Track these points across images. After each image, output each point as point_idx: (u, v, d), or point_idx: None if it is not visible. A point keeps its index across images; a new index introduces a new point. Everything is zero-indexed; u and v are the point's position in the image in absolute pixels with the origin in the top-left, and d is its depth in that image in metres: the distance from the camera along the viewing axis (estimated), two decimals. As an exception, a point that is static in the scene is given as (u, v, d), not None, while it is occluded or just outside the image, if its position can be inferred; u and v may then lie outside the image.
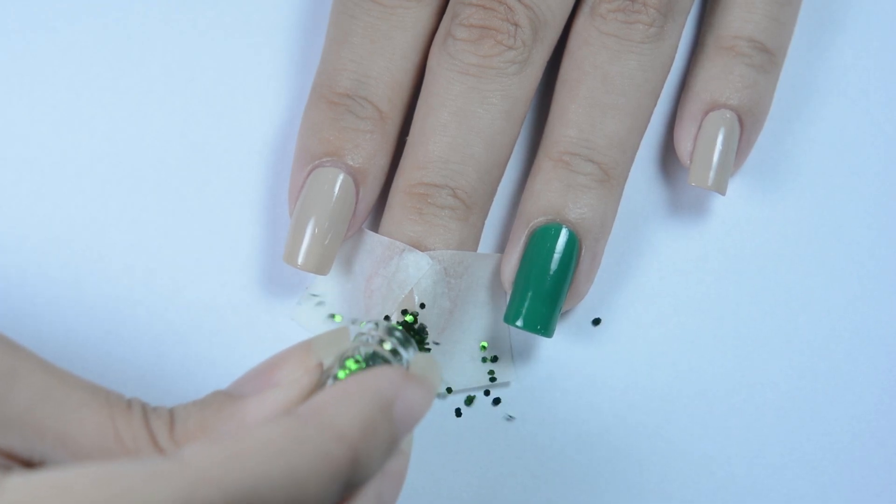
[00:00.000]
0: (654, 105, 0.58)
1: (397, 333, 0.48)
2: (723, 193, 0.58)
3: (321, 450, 0.40)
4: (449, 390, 0.57)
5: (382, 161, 0.57)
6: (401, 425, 0.43)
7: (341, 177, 0.56)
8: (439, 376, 0.46)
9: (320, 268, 0.55)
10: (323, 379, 0.46)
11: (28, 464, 0.43)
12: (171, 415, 0.44)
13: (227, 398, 0.45)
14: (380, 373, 0.43)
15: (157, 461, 0.38)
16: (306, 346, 0.46)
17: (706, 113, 0.58)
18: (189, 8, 0.61)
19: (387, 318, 0.55)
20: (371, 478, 0.43)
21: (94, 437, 0.42)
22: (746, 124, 0.58)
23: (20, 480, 0.38)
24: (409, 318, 0.55)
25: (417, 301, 0.55)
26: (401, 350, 0.48)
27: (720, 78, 0.58)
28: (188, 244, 0.59)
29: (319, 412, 0.41)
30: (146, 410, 0.44)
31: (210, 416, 0.44)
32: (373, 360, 0.47)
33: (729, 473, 0.58)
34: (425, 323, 0.55)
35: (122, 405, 0.43)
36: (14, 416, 0.42)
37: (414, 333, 0.53)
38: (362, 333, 0.48)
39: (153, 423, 0.43)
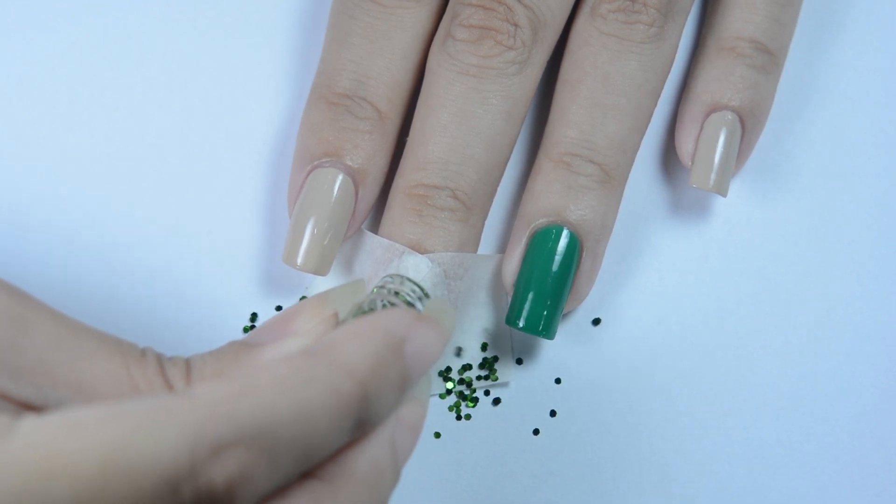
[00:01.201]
0: (655, 105, 0.58)
1: (413, 286, 0.48)
2: (724, 195, 0.58)
3: (331, 385, 0.40)
4: (449, 390, 0.58)
5: (382, 161, 0.57)
6: (412, 365, 0.43)
7: (340, 177, 0.56)
8: (453, 320, 0.46)
9: (319, 268, 0.55)
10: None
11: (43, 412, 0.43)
12: (187, 363, 0.44)
13: (242, 347, 0.45)
14: (390, 313, 0.44)
15: (168, 397, 0.39)
16: (323, 298, 0.47)
17: (707, 114, 0.58)
18: (189, 8, 0.61)
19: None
20: (383, 418, 0.43)
21: (109, 384, 0.42)
22: (748, 125, 0.58)
23: (34, 421, 0.38)
24: (400, 298, 0.55)
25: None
26: (416, 303, 0.48)
27: (721, 79, 0.58)
28: (188, 244, 0.59)
29: (329, 350, 0.41)
30: (161, 359, 0.44)
31: (226, 363, 0.44)
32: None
33: (729, 473, 0.58)
34: None
35: (135, 353, 0.43)
36: (27, 364, 0.42)
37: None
38: (380, 287, 0.48)
39: (169, 370, 0.43)
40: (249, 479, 0.39)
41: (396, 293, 0.48)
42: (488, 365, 0.58)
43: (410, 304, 0.48)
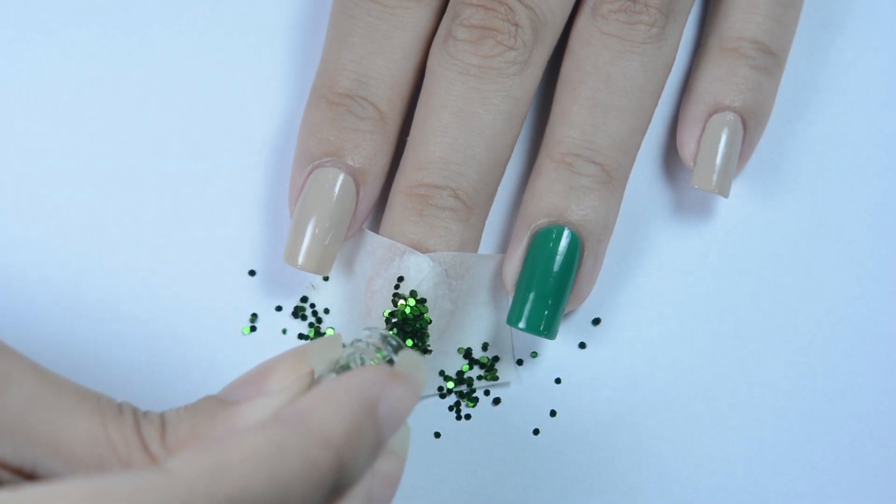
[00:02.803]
0: (656, 105, 0.58)
1: (392, 341, 0.48)
2: (726, 196, 0.58)
3: (306, 457, 0.40)
4: (450, 390, 0.57)
5: (383, 161, 0.57)
6: (385, 425, 0.43)
7: (341, 177, 0.56)
8: (424, 373, 0.46)
9: (320, 268, 0.55)
10: (314, 385, 0.46)
11: (19, 472, 0.42)
12: (163, 420, 0.44)
13: (218, 404, 0.45)
14: (363, 374, 0.43)
15: (145, 474, 0.39)
16: (299, 353, 0.46)
17: (709, 115, 0.58)
18: (189, 8, 0.61)
19: (388, 326, 0.55)
20: (357, 480, 0.42)
21: (87, 444, 0.42)
22: (749, 126, 0.58)
23: (7, 496, 0.38)
24: (406, 308, 0.55)
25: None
26: (392, 357, 0.48)
27: (723, 80, 0.58)
28: (188, 244, 0.59)
29: (304, 417, 0.41)
30: (137, 416, 0.43)
31: (201, 422, 0.44)
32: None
33: (729, 473, 0.58)
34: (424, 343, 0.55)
35: (113, 410, 0.43)
36: (6, 422, 0.41)
37: (411, 325, 0.53)
38: (358, 340, 0.48)
39: (144, 429, 0.43)
40: None
41: (377, 350, 0.48)
42: (489, 365, 0.58)
43: (388, 361, 0.48)
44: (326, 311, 0.58)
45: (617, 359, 0.59)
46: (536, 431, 0.58)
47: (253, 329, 0.58)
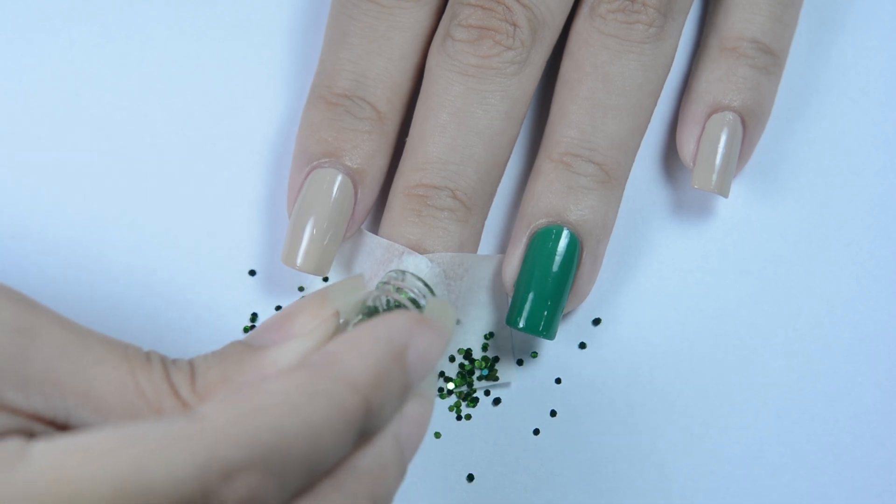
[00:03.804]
0: (655, 105, 0.58)
1: (416, 280, 0.48)
2: (725, 196, 0.58)
3: (335, 401, 0.41)
4: (450, 390, 0.57)
5: (381, 162, 0.57)
6: (414, 371, 0.43)
7: (340, 177, 0.56)
8: (453, 320, 0.46)
9: (319, 269, 0.55)
10: (341, 328, 0.46)
11: (52, 423, 0.43)
12: (192, 367, 0.44)
13: (245, 349, 0.45)
14: (391, 319, 0.44)
15: (178, 422, 0.39)
16: (322, 295, 0.47)
17: (709, 115, 0.58)
18: (189, 8, 0.61)
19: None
20: (386, 424, 0.43)
21: (117, 392, 0.42)
22: (749, 126, 0.58)
23: (46, 446, 0.38)
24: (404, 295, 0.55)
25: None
26: (419, 299, 0.48)
27: (723, 80, 0.58)
28: (188, 244, 0.59)
29: (332, 363, 0.42)
30: (165, 363, 0.44)
31: (230, 367, 0.44)
32: (391, 309, 0.47)
33: (729, 473, 0.58)
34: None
35: (140, 358, 0.43)
36: (36, 374, 0.42)
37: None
38: (385, 283, 0.48)
39: (174, 375, 0.43)
40: (260, 500, 0.39)
41: (399, 289, 0.48)
42: (489, 365, 0.58)
43: (413, 301, 0.48)
44: None
45: (617, 359, 0.59)
46: (536, 431, 0.58)
47: (253, 329, 0.58)
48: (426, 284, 0.49)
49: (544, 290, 0.55)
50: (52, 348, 0.42)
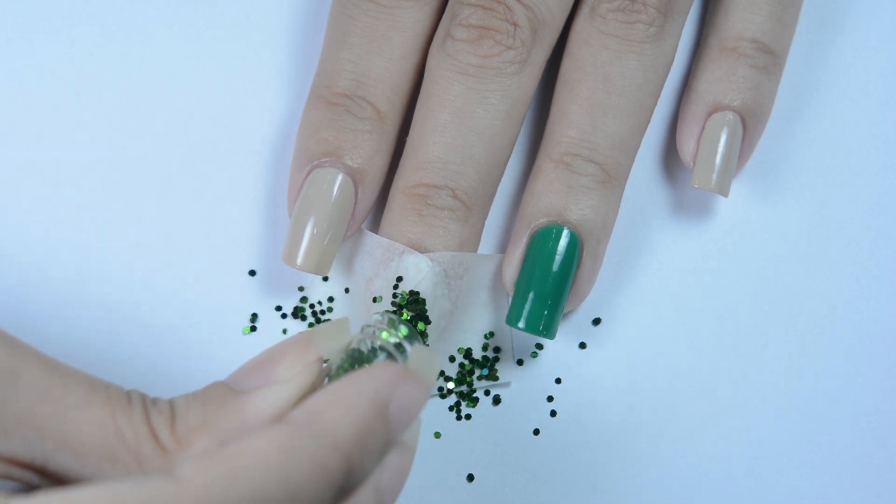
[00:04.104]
0: (655, 105, 0.58)
1: (402, 327, 0.48)
2: (726, 195, 0.58)
3: (316, 461, 0.40)
4: (450, 390, 0.57)
5: (381, 161, 0.57)
6: (396, 424, 0.43)
7: (340, 177, 0.56)
8: (437, 370, 0.46)
9: (319, 268, 0.55)
10: (324, 374, 0.46)
11: (30, 466, 0.43)
12: (172, 408, 0.44)
13: (227, 392, 0.45)
14: (375, 373, 0.43)
15: (158, 482, 0.39)
16: (307, 339, 0.46)
17: (709, 114, 0.58)
18: (189, 8, 0.61)
19: (394, 310, 0.55)
20: (367, 478, 0.43)
21: (96, 436, 0.42)
22: (749, 126, 0.58)
23: None
24: (402, 299, 0.55)
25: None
26: (405, 344, 0.48)
27: (723, 80, 0.58)
28: (188, 244, 0.59)
29: (314, 419, 0.41)
30: (146, 405, 0.44)
31: (211, 411, 0.44)
32: (375, 354, 0.47)
33: (729, 473, 0.58)
34: (425, 325, 0.55)
35: (122, 400, 0.43)
36: (16, 417, 0.42)
37: (413, 307, 0.53)
38: (368, 326, 0.48)
39: (154, 418, 0.43)
40: None
41: (385, 334, 0.47)
42: (489, 365, 0.58)
43: (398, 346, 0.47)
44: (331, 298, 0.58)
45: (617, 359, 0.59)
46: (536, 431, 0.58)
47: (253, 329, 0.58)
48: (409, 329, 0.48)
49: (545, 289, 0.55)
50: (34, 391, 0.42)
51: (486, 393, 0.58)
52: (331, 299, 0.58)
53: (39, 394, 0.42)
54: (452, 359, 0.57)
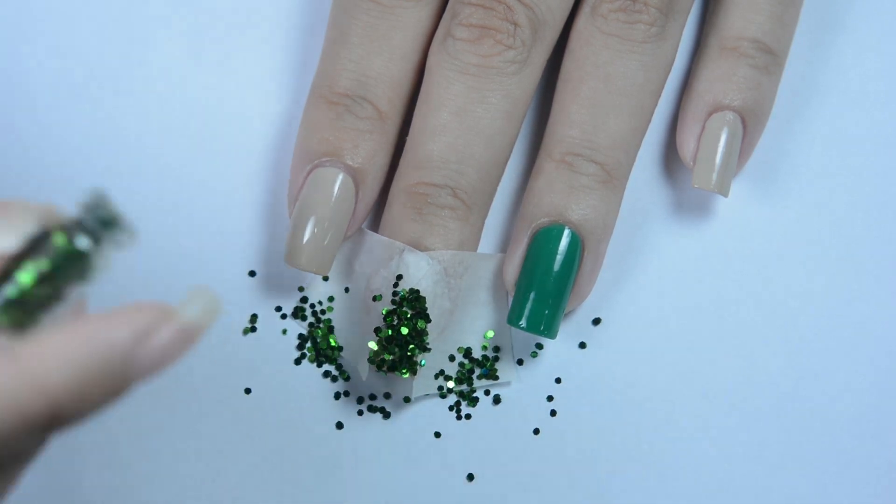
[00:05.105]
0: (656, 105, 0.58)
1: (102, 217, 0.39)
2: (725, 195, 0.58)
3: (18, 402, 0.36)
4: (449, 390, 0.57)
5: (382, 161, 0.57)
6: (141, 369, 0.38)
7: (341, 177, 0.56)
8: (214, 310, 0.39)
9: (320, 268, 0.55)
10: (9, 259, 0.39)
11: None
12: None
13: None
14: (108, 322, 0.38)
15: None
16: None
17: (709, 114, 0.58)
18: (189, 8, 0.61)
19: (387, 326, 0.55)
20: (94, 413, 0.38)
21: None
22: (749, 126, 0.58)
23: None
24: (403, 329, 0.55)
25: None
26: (98, 246, 0.39)
27: (723, 79, 0.58)
28: (188, 244, 0.59)
29: (32, 359, 0.37)
30: None
31: None
32: (64, 260, 0.39)
33: (729, 473, 0.58)
34: (425, 323, 0.55)
35: None
36: None
37: (413, 306, 0.53)
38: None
39: None
40: None
41: (70, 232, 0.38)
42: (489, 364, 0.58)
43: (76, 254, 0.39)
44: (331, 298, 0.58)
45: (617, 359, 0.59)
46: (536, 431, 0.58)
47: (253, 329, 0.58)
48: (111, 217, 0.39)
49: (545, 289, 0.55)
50: None
51: (487, 392, 0.58)
52: (331, 299, 0.58)
53: None
54: (452, 358, 0.57)
